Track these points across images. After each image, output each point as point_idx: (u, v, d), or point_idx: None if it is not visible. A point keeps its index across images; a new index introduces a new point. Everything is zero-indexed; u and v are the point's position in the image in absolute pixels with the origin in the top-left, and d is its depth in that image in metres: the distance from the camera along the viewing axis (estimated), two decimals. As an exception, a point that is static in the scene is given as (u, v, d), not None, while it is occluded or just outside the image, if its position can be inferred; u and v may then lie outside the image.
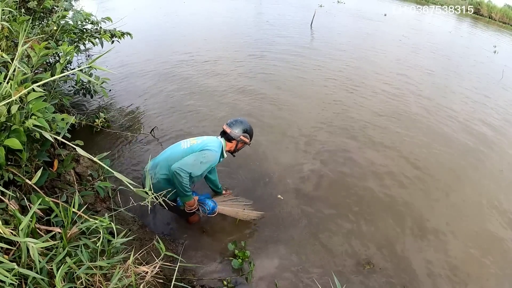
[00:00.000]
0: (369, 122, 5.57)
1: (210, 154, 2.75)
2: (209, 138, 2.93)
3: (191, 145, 2.84)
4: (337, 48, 9.76)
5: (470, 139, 5.61)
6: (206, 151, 2.75)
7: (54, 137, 1.63)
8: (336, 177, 4.19)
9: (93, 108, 5.13)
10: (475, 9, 21.80)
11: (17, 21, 2.74)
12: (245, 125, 2.97)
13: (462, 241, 3.58)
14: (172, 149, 2.93)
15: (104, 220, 1.51)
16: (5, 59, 2.00)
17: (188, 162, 2.65)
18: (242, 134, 2.93)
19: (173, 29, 10.15)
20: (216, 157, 2.80)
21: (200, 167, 2.71)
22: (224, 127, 2.97)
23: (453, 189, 4.34)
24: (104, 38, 4.18)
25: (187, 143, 2.90)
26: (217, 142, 2.91)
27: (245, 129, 2.95)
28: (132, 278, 1.50)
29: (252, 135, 3.05)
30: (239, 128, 2.93)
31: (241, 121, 2.99)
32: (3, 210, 1.48)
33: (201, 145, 2.81)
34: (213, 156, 2.76)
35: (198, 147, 2.80)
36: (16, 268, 1.20)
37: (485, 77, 9.21)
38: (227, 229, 3.30)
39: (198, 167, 2.70)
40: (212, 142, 2.86)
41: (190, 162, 2.66)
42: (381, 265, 3.16)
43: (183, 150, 2.81)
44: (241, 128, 2.94)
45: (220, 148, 2.89)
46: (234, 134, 2.91)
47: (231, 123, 2.96)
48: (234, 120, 3.00)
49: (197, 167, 2.69)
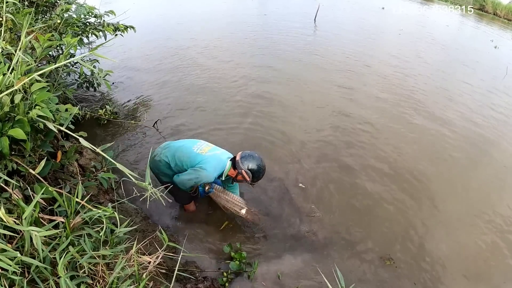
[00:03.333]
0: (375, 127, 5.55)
1: (204, 175, 2.74)
2: (218, 155, 2.92)
3: (199, 153, 2.85)
4: (343, 44, 9.70)
5: (476, 135, 5.59)
6: (202, 170, 2.74)
7: (58, 127, 1.63)
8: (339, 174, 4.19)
9: (98, 101, 5.13)
10: (480, 6, 21.70)
11: (21, 13, 2.74)
12: (256, 163, 2.90)
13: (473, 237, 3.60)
14: (186, 144, 2.96)
15: (107, 210, 1.51)
16: (9, 50, 2.00)
17: (184, 179, 2.74)
18: (245, 169, 2.87)
19: (176, 22, 10.08)
20: (208, 178, 2.77)
21: (193, 182, 2.75)
22: (237, 154, 2.94)
23: (460, 186, 4.33)
24: (107, 31, 4.17)
25: (200, 148, 2.91)
26: (221, 163, 2.89)
27: (253, 167, 2.88)
28: (135, 267, 1.50)
29: (257, 177, 2.96)
30: (249, 162, 2.88)
31: (255, 158, 2.92)
32: (6, 199, 1.48)
33: (203, 161, 2.80)
34: (206, 177, 2.75)
35: (199, 159, 2.80)
36: (19, 256, 1.21)
37: (488, 73, 9.08)
38: (233, 222, 3.31)
39: (189, 185, 2.76)
40: (215, 161, 2.84)
41: (185, 179, 2.73)
42: (401, 262, 3.19)
43: (189, 153, 2.85)
44: (251, 164, 2.87)
45: (219, 170, 2.87)
46: (239, 165, 2.87)
47: (245, 155, 2.92)
48: (250, 154, 2.94)
49: (191, 182, 2.74)
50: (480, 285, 3.13)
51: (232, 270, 2.75)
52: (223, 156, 2.94)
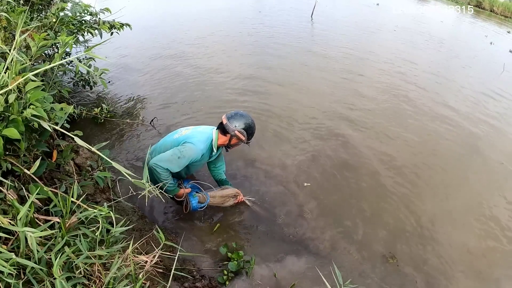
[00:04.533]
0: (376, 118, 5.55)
1: (190, 148, 2.58)
2: (200, 130, 2.78)
3: (180, 135, 2.73)
4: (340, 40, 9.69)
5: (474, 131, 5.60)
6: (186, 145, 2.59)
7: (53, 127, 1.62)
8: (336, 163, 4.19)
9: (94, 100, 5.11)
10: (477, 2, 21.84)
11: (15, 12, 2.72)
12: (245, 120, 2.73)
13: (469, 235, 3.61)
14: (166, 138, 2.86)
15: (103, 209, 1.50)
16: (3, 49, 1.99)
17: (164, 158, 2.53)
18: (237, 129, 2.70)
19: (172, 20, 10.05)
20: (197, 152, 2.61)
21: (178, 162, 2.56)
22: (222, 117, 2.76)
23: (458, 184, 4.35)
24: (103, 29, 4.15)
25: (180, 132, 2.79)
26: (206, 135, 2.74)
27: (244, 125, 2.72)
28: (131, 267, 1.50)
29: (251, 134, 2.80)
30: (237, 122, 2.70)
31: (242, 115, 2.75)
32: (1, 200, 1.47)
33: (185, 137, 2.67)
34: (193, 150, 2.58)
35: (182, 138, 2.67)
36: (14, 258, 1.20)
37: (485, 70, 9.10)
38: (226, 222, 3.30)
39: (176, 163, 2.55)
40: (200, 135, 2.71)
41: (166, 157, 2.53)
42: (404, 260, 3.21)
43: (172, 140, 2.73)
44: (240, 122, 2.70)
45: (206, 142, 2.71)
46: (229, 127, 2.69)
47: (230, 115, 2.74)
48: (235, 112, 2.77)
49: (175, 162, 2.55)
50: (483, 283, 3.14)
51: (232, 270, 2.72)
52: (207, 129, 2.81)
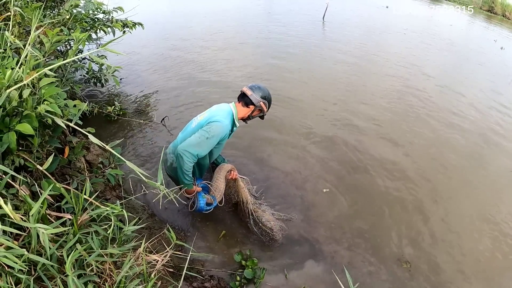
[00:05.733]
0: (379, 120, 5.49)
1: (217, 126, 2.49)
2: (217, 107, 2.73)
3: (198, 122, 2.64)
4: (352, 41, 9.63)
5: (484, 138, 5.51)
6: (212, 124, 2.50)
7: (66, 123, 1.61)
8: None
9: (104, 97, 5.13)
10: (489, 7, 21.49)
11: (29, 8, 2.73)
12: (265, 91, 2.75)
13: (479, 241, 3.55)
14: (184, 131, 2.76)
15: (116, 207, 1.49)
16: (18, 44, 1.99)
17: (192, 142, 2.42)
18: (262, 100, 2.71)
19: (183, 19, 10.07)
20: (225, 129, 2.54)
21: (208, 144, 2.48)
22: (244, 89, 2.73)
23: (469, 191, 4.28)
24: (116, 27, 4.16)
25: (196, 120, 2.71)
26: (226, 111, 2.67)
27: (265, 96, 2.74)
28: (144, 266, 1.48)
29: (270, 104, 2.83)
30: (261, 93, 2.72)
31: (262, 88, 2.76)
32: (13, 195, 1.46)
33: (207, 118, 2.58)
34: (220, 128, 2.50)
35: (204, 121, 2.58)
36: (26, 254, 1.19)
37: (496, 75, 8.92)
38: (237, 225, 3.27)
39: (205, 144, 2.47)
40: (220, 112, 2.63)
41: (194, 141, 2.42)
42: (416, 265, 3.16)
43: (192, 129, 2.63)
44: (261, 93, 2.72)
45: (229, 117, 2.64)
46: (254, 98, 2.68)
47: (253, 87, 2.73)
48: (256, 85, 2.77)
49: (204, 144, 2.46)
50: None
51: (248, 277, 2.66)
52: (223, 106, 2.75)
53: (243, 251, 2.94)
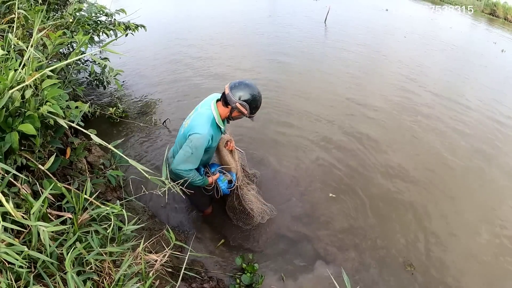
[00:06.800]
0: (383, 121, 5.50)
1: (197, 139, 2.31)
2: (199, 112, 2.45)
3: (185, 128, 2.47)
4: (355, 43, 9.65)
5: (486, 141, 5.51)
6: (192, 137, 2.32)
7: (69, 124, 1.63)
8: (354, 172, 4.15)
9: (106, 99, 5.16)
10: (491, 10, 21.46)
11: (33, 10, 2.76)
12: (250, 91, 2.35)
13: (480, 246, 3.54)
14: (178, 135, 2.63)
15: (116, 207, 1.51)
16: (21, 46, 2.02)
17: (180, 160, 2.35)
18: (238, 101, 2.33)
19: (185, 22, 10.10)
20: (204, 139, 2.32)
21: (195, 157, 2.35)
22: (225, 87, 2.41)
23: (471, 195, 4.27)
24: (119, 30, 4.20)
25: (184, 124, 2.54)
26: (205, 116, 2.40)
27: (248, 96, 2.34)
28: (142, 265, 1.49)
29: (254, 107, 2.40)
30: (241, 92, 2.33)
31: (246, 85, 2.37)
32: (15, 194, 1.49)
33: (188, 128, 2.39)
34: (201, 139, 2.31)
35: (187, 130, 2.40)
36: (26, 250, 1.20)
37: (497, 78, 8.93)
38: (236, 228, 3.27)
39: (193, 158, 2.35)
40: (199, 119, 2.39)
41: (181, 159, 2.34)
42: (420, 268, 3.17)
43: (180, 136, 2.52)
44: (244, 93, 2.33)
45: (209, 123, 2.37)
46: (230, 98, 2.34)
47: (234, 85, 2.37)
48: (240, 82, 2.40)
49: (192, 159, 2.35)
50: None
51: (244, 283, 2.68)
52: (206, 104, 2.48)
53: (245, 254, 2.95)
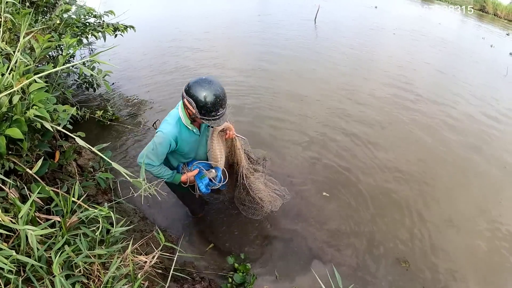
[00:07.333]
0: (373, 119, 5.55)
1: (158, 136, 2.14)
2: (169, 113, 2.27)
3: None
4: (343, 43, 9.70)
5: (478, 136, 5.59)
6: (156, 134, 2.17)
7: (55, 127, 1.64)
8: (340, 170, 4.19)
9: (98, 102, 5.14)
10: (481, 6, 21.73)
11: (20, 14, 2.75)
12: (201, 86, 1.99)
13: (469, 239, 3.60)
14: None
15: (103, 209, 1.52)
16: (8, 50, 2.02)
17: (143, 153, 2.18)
18: (186, 96, 2.02)
19: (175, 22, 10.07)
20: (166, 138, 2.14)
21: (156, 153, 2.19)
22: None
23: (463, 190, 4.33)
24: (107, 32, 4.19)
25: None
26: (173, 114, 2.23)
27: (194, 91, 1.98)
28: (130, 267, 1.51)
29: (203, 106, 1.99)
30: (192, 86, 2.00)
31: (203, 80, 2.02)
32: (3, 198, 1.50)
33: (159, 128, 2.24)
34: (162, 137, 2.14)
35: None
36: (15, 255, 1.22)
37: (487, 73, 9.04)
38: (229, 227, 3.29)
39: (154, 155, 2.20)
40: (168, 117, 2.23)
41: (145, 151, 2.17)
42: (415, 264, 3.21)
43: None
44: (194, 87, 1.99)
45: (174, 121, 2.19)
46: (182, 93, 2.07)
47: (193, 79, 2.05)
48: (201, 77, 2.05)
49: (153, 155, 2.19)
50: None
51: (236, 282, 2.70)
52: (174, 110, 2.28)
53: (236, 253, 2.98)
